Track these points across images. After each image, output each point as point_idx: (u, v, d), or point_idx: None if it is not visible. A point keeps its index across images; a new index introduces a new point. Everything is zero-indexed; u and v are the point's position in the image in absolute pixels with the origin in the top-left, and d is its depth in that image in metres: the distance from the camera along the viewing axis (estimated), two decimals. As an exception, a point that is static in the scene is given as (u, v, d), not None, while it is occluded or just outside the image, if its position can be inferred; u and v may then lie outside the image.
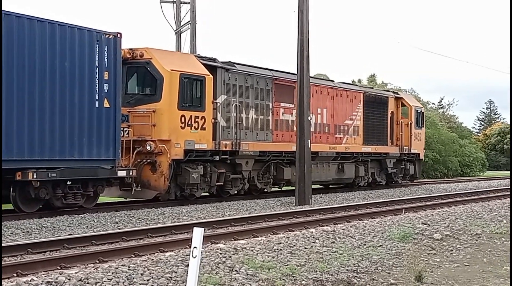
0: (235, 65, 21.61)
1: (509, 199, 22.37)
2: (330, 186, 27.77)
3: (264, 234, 12.48)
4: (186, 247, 10.36)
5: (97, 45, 16.40)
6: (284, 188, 24.61)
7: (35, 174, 14.87)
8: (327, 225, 14.08)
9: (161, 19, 35.69)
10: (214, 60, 20.88)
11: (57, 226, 13.72)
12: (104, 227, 13.85)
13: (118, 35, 17.08)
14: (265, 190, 22.87)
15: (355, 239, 11.81)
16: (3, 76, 13.93)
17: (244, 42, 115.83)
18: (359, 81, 77.27)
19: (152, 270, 8.40)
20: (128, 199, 19.30)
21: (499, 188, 29.61)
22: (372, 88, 31.79)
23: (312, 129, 23.12)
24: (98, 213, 16.28)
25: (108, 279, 7.80)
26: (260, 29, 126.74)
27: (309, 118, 20.63)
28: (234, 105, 20.88)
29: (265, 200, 21.21)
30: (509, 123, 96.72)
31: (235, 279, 8.16)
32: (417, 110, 31.65)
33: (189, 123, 19.04)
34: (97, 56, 16.40)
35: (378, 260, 9.94)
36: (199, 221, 14.49)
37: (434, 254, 10.95)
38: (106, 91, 16.62)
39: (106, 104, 16.61)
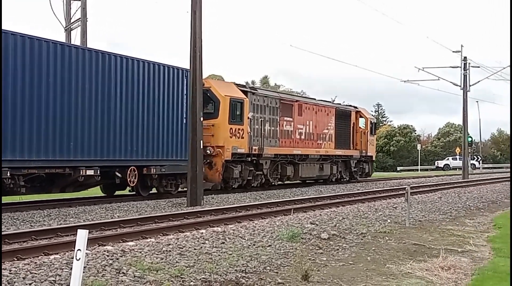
0: (257, 89, 29.83)
1: (393, 199, 23.20)
2: (307, 181, 34.43)
3: (153, 236, 12.35)
4: (72, 250, 10.05)
5: (185, 79, 22.93)
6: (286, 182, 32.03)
7: (154, 169, 21.84)
8: (217, 226, 14.10)
9: (51, 15, 34.55)
10: (244, 86, 29.21)
11: None
12: (-15, 229, 13.26)
13: None
14: (273, 183, 29.89)
15: (244, 239, 11.87)
16: (144, 106, 21.62)
17: (139, 40, 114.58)
18: (253, 82, 78.32)
19: (35, 273, 8.13)
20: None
21: (384, 188, 30.64)
22: (340, 104, 39.06)
23: (303, 137, 31.93)
24: (-21, 215, 15.60)
25: (-13, 284, 7.48)
26: (156, 27, 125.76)
27: (201, 119, 20.63)
28: (259, 119, 27.98)
29: (156, 201, 21.05)
30: (395, 126, 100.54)
31: (122, 281, 8.01)
32: (371, 121, 39.83)
33: (235, 133, 26.13)
34: (185, 87, 23.03)
35: (266, 260, 10.02)
36: (87, 223, 14.16)
37: (321, 253, 11.15)
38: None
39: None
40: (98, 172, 19.51)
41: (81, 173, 18.93)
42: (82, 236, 5.90)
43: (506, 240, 13.31)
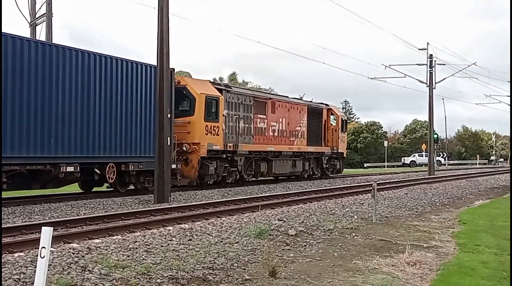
0: (231, 87, 30.07)
1: (360, 195, 23.36)
2: (279, 177, 34.95)
3: (120, 233, 12.26)
4: (36, 248, 9.90)
5: None
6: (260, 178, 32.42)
7: (132, 165, 22.27)
8: (185, 223, 14.04)
9: (15, 10, 34.04)
10: (219, 84, 29.67)
11: None
12: None
13: (173, 69, 23.11)
14: (247, 179, 30.12)
15: (212, 236, 11.84)
16: (130, 108, 22.41)
17: (104, 35, 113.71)
18: (220, 79, 78.22)
19: (-1, 272, 8.00)
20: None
21: (352, 185, 30.83)
22: (312, 101, 38.57)
23: (276, 134, 32.47)
24: None
25: (-52, 283, 7.34)
26: (124, 23, 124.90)
27: (168, 115, 20.53)
28: (234, 117, 28.42)
29: (123, 198, 20.89)
30: (363, 123, 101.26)
31: (88, 279, 7.93)
32: (342, 119, 40.49)
33: (210, 130, 26.43)
34: None
35: (234, 257, 10.01)
36: (52, 220, 13.99)
37: (289, 249, 11.18)
38: None
39: None
40: (78, 168, 19.97)
41: (62, 169, 19.30)
42: (46, 233, 5.82)
43: (470, 236, 13.52)
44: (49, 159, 18.99)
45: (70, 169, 19.57)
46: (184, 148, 25.49)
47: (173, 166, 24.12)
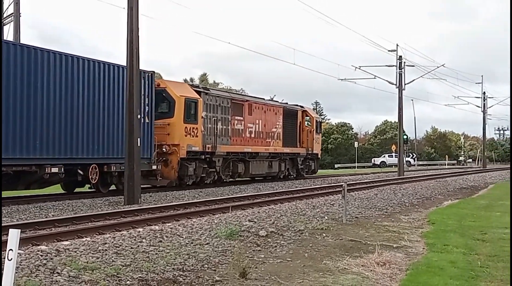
0: (210, 89, 30.64)
1: (330, 196, 23.45)
2: (256, 178, 35.55)
3: (89, 235, 12.16)
4: (4, 250, 9.79)
5: (143, 80, 23.32)
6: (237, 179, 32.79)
7: (114, 166, 22.66)
8: (155, 224, 13.97)
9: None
10: (198, 86, 30.23)
11: None
12: None
13: (153, 72, 24.77)
14: (225, 180, 30.59)
15: (182, 237, 11.80)
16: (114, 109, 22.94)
17: (77, 37, 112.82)
18: (191, 79, 78.08)
19: (-35, 275, 7.87)
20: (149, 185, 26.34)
21: (322, 186, 30.95)
22: (287, 103, 39.04)
23: (253, 135, 32.99)
24: None
25: None
26: (94, 23, 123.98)
27: (138, 116, 20.44)
28: (212, 119, 28.86)
29: (92, 200, 20.73)
30: (333, 123, 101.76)
31: (56, 281, 7.85)
32: (316, 120, 41.24)
33: (189, 132, 26.93)
34: (142, 87, 23.19)
35: (204, 258, 9.99)
36: (20, 222, 13.82)
37: (259, 250, 11.18)
38: (147, 110, 23.84)
39: (147, 119, 23.67)
40: (62, 169, 20.46)
41: (47, 170, 19.82)
42: (14, 235, 5.77)
43: (439, 236, 13.64)
44: (34, 160, 19.49)
45: (54, 170, 20.05)
46: (164, 149, 25.97)
47: (154, 167, 25.05)
